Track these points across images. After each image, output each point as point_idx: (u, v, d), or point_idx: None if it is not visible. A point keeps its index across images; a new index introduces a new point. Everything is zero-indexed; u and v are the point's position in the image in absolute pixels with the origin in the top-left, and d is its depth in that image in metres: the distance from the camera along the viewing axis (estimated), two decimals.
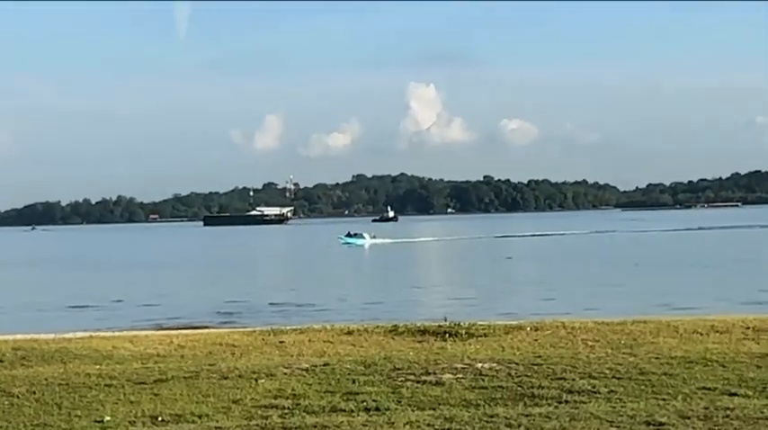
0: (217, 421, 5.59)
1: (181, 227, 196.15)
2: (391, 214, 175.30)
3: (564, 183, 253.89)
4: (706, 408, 5.43)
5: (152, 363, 8.86)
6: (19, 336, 12.13)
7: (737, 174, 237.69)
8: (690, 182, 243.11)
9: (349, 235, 74.70)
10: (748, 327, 10.11)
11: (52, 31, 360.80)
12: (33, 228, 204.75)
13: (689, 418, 5.08)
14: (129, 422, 5.73)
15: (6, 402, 6.41)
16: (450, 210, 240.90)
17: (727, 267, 39.44)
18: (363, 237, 73.37)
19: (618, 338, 9.63)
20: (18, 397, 6.63)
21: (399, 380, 7.16)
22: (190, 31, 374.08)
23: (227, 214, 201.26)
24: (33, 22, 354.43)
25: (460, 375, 7.33)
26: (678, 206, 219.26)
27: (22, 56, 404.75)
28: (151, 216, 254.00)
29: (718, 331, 9.90)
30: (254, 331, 12.14)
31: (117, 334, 13.65)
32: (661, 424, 4.91)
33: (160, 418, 5.79)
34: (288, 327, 12.73)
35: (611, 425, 4.91)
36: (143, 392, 6.89)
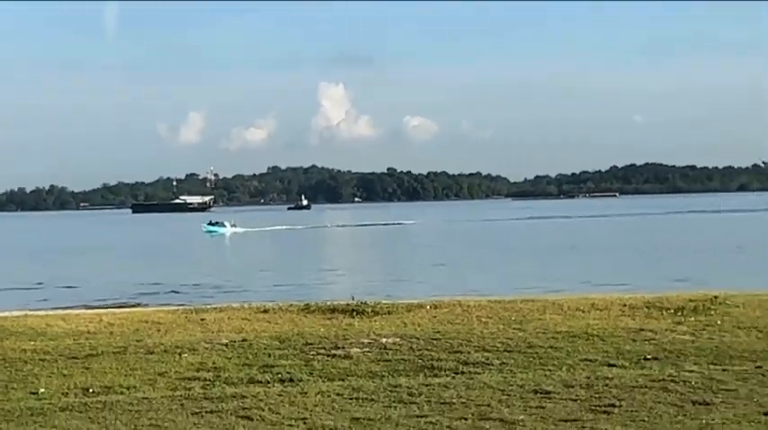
0: (143, 392, 5.96)
1: (111, 214, 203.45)
2: (305, 202, 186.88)
3: (460, 174, 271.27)
4: (588, 378, 5.81)
5: (83, 340, 9.01)
6: None
7: (615, 167, 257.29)
8: (573, 174, 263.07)
9: (211, 223, 75.45)
10: (625, 305, 10.87)
11: None
12: None
13: (572, 387, 5.43)
14: (63, 393, 6.05)
15: None
16: (357, 199, 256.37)
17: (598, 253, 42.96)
18: (224, 226, 74.18)
19: (509, 315, 10.04)
20: None
21: (311, 353, 7.60)
22: (119, 31, 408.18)
23: (155, 202, 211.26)
24: None
25: (367, 349, 7.71)
26: (562, 196, 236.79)
27: None
28: (82, 204, 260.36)
29: (598, 309, 10.54)
30: (178, 310, 12.50)
31: (50, 313, 13.83)
32: (547, 392, 5.25)
33: (91, 390, 6.14)
34: (208, 306, 13.22)
35: (503, 394, 5.24)
36: (75, 366, 7.25)
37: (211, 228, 73.38)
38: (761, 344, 7.55)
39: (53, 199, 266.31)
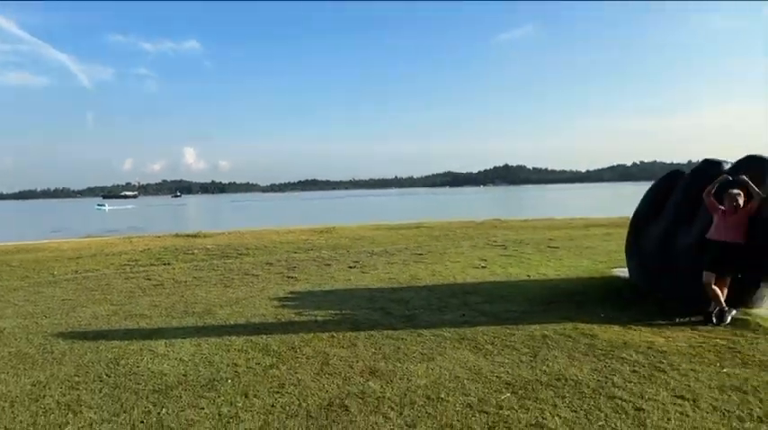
0: (103, 271, 11.61)
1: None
2: (179, 194, 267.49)
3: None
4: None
5: (75, 251, 15.79)
6: None
7: None
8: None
9: (99, 204, 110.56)
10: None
11: None
12: None
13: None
14: (65, 273, 11.41)
15: None
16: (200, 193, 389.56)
17: None
18: (104, 205, 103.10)
19: None
20: None
21: (177, 252, 13.59)
22: None
23: (111, 193, 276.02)
24: None
25: (202, 251, 13.67)
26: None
27: None
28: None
29: None
30: (112, 236, 22.58)
31: (57, 240, 21.91)
32: None
33: (78, 271, 11.65)
34: (132, 235, 24.40)
35: None
36: (71, 262, 13.07)
37: (98, 206, 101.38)
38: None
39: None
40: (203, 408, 4.18)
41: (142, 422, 3.98)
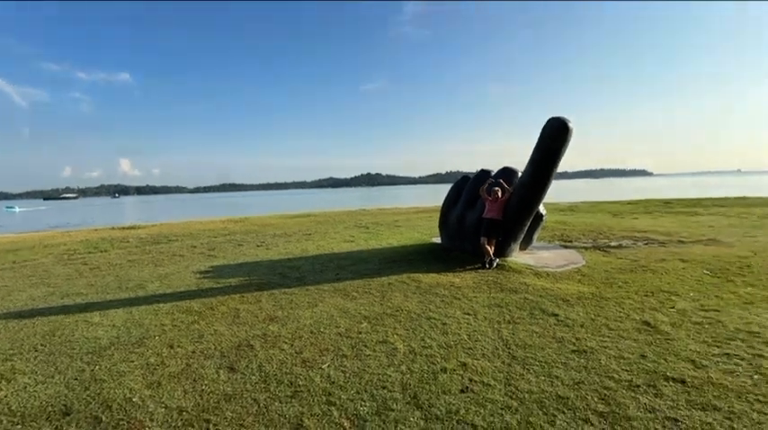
0: (42, 260, 9.27)
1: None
2: (117, 196, 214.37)
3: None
4: None
5: (12, 244, 12.38)
6: None
7: None
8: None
9: (8, 206, 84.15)
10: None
11: None
12: None
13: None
14: (4, 263, 8.93)
15: None
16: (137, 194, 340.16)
17: None
18: (14, 207, 78.41)
19: None
20: None
21: (111, 239, 11.51)
22: None
23: (51, 196, 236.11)
24: None
25: (141, 236, 11.85)
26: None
27: None
28: None
29: None
30: (50, 231, 17.05)
31: None
32: None
33: (15, 261, 9.15)
34: (67, 229, 18.33)
35: None
36: (11, 253, 10.29)
37: (8, 208, 77.54)
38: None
39: None
40: (133, 361, 3.64)
41: (76, 379, 3.33)
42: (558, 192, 45.42)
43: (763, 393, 2.82)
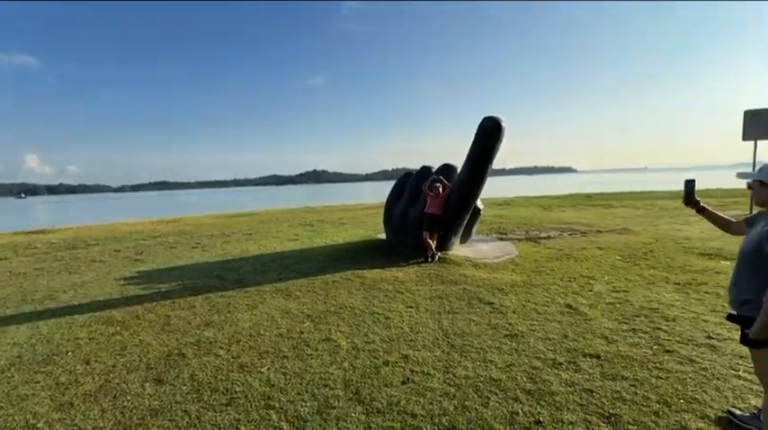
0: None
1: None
2: (23, 196, 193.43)
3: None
4: None
5: None
6: None
7: None
8: None
9: None
10: None
11: None
12: None
13: None
14: None
15: None
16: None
17: None
18: None
19: None
20: None
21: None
22: None
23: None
24: None
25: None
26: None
27: None
28: None
29: None
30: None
31: None
32: None
33: None
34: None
35: None
36: None
37: None
38: None
39: None
40: (39, 382, 3.22)
41: None
42: (495, 188, 48.27)
43: (660, 361, 3.23)
